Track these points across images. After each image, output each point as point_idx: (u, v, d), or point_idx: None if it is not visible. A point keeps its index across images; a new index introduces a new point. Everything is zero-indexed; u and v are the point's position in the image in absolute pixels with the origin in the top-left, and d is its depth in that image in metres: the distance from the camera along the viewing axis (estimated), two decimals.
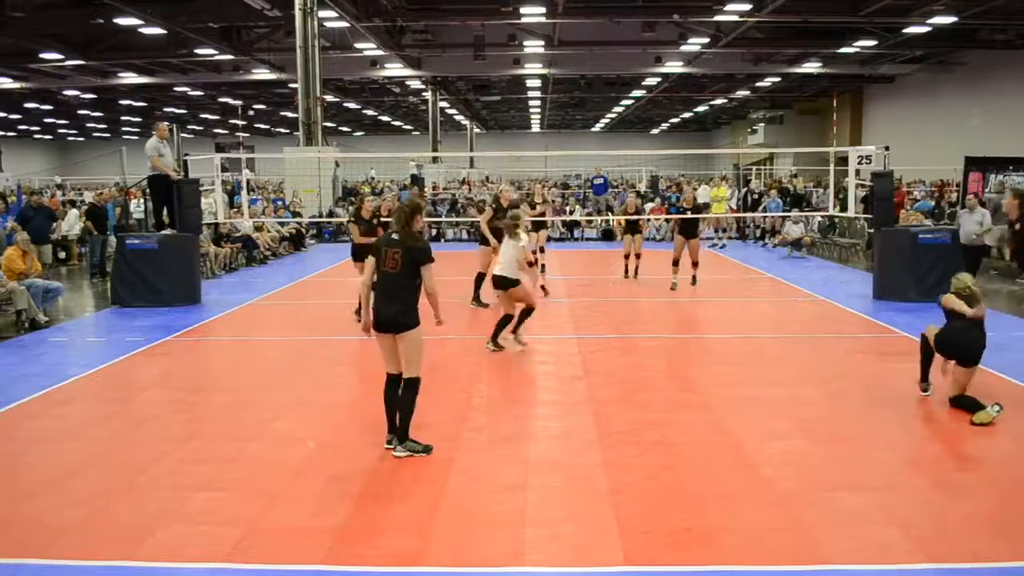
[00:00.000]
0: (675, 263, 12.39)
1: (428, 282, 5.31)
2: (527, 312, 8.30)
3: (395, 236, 5.32)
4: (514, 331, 8.29)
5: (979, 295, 6.45)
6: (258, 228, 17.44)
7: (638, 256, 13.27)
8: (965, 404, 6.18)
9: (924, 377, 6.68)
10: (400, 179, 30.56)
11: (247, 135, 45.44)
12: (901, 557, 4.00)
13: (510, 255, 8.21)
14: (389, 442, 5.42)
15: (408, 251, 5.24)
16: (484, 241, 10.53)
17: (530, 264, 9.49)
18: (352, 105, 40.14)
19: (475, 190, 27.17)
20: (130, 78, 28.45)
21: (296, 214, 20.88)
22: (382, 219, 10.11)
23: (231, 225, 16.17)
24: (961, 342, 6.29)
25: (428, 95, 35.36)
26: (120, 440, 5.89)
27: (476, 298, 10.68)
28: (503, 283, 8.15)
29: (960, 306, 6.33)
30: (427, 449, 5.39)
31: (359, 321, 5.87)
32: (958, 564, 3.93)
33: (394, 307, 5.22)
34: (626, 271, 13.41)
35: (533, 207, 11.93)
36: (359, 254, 9.66)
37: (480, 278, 10.58)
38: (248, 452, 5.58)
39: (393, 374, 5.39)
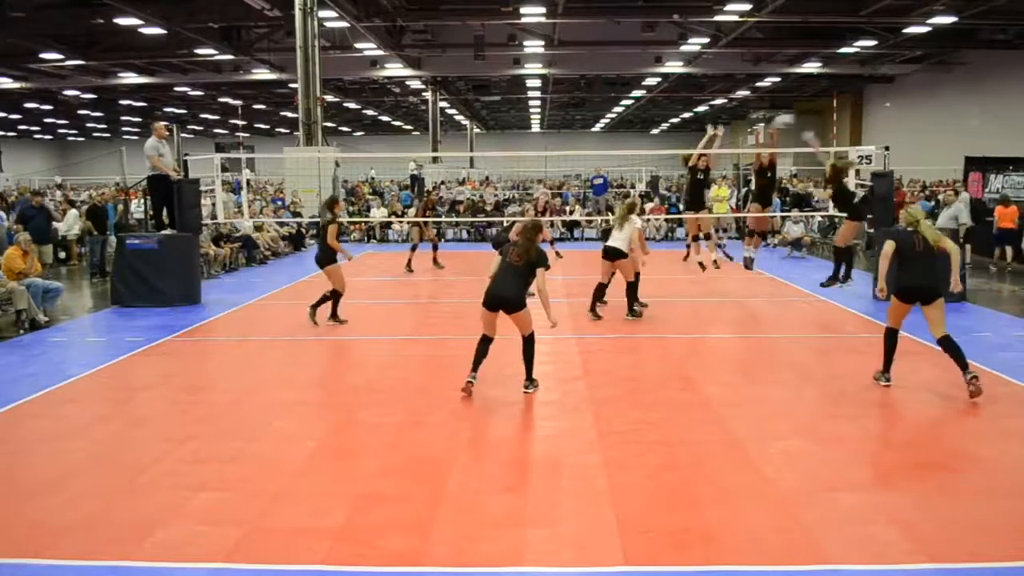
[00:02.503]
0: (695, 239, 12.48)
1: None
2: None
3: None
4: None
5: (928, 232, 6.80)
6: (258, 228, 17.43)
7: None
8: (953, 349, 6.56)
9: (886, 368, 6.93)
10: (400, 179, 30.56)
11: (247, 135, 45.44)
12: (901, 557, 4.00)
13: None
14: (473, 377, 6.74)
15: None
16: None
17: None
18: (352, 105, 40.14)
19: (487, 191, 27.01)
20: (130, 78, 28.45)
21: (296, 214, 20.87)
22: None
23: (231, 225, 16.17)
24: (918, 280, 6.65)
25: (428, 95, 35.35)
26: (120, 440, 5.89)
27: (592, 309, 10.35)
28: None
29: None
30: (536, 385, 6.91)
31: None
32: (958, 564, 3.93)
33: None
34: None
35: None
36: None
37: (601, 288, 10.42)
38: (248, 452, 5.58)
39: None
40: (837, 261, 11.18)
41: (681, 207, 12.83)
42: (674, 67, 27.79)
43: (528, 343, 6.89)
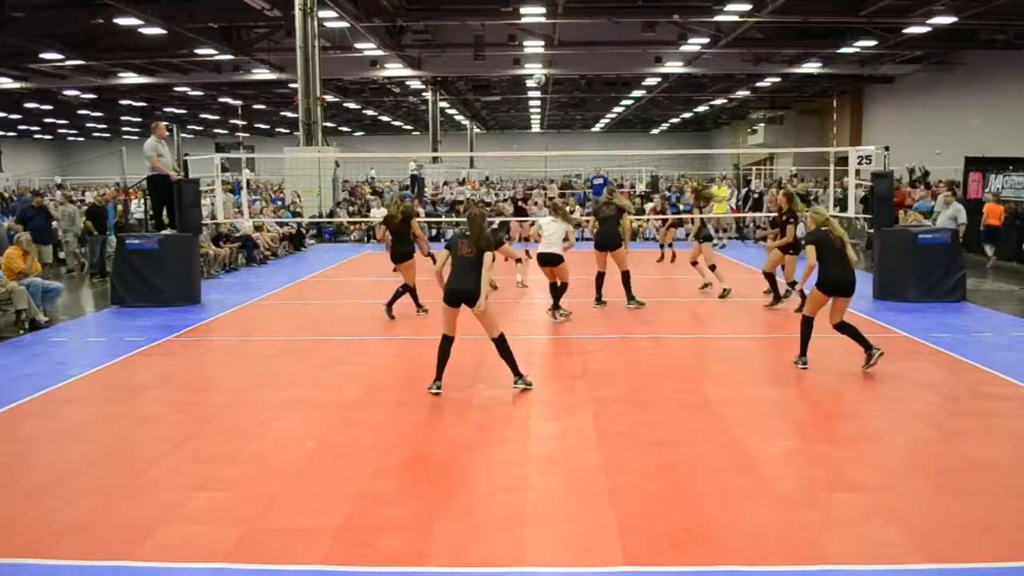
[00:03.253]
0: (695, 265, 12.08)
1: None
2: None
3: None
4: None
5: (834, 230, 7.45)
6: (258, 228, 17.44)
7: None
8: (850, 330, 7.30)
9: (803, 352, 7.53)
10: (400, 179, 30.56)
11: (247, 135, 45.44)
12: (901, 557, 4.00)
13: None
14: (438, 387, 6.71)
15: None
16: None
17: (517, 260, 12.45)
18: (352, 105, 40.14)
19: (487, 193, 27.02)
20: (130, 78, 28.45)
21: (296, 214, 20.88)
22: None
23: (231, 225, 16.18)
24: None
25: (428, 95, 35.36)
26: (120, 440, 5.88)
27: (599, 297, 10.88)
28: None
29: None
30: (529, 384, 6.84)
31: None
32: (958, 564, 3.92)
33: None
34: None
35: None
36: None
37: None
38: (248, 452, 5.58)
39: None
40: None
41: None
42: (674, 67, 27.79)
43: (500, 344, 6.75)
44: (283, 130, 49.51)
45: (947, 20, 19.66)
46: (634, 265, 11.20)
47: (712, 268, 11.85)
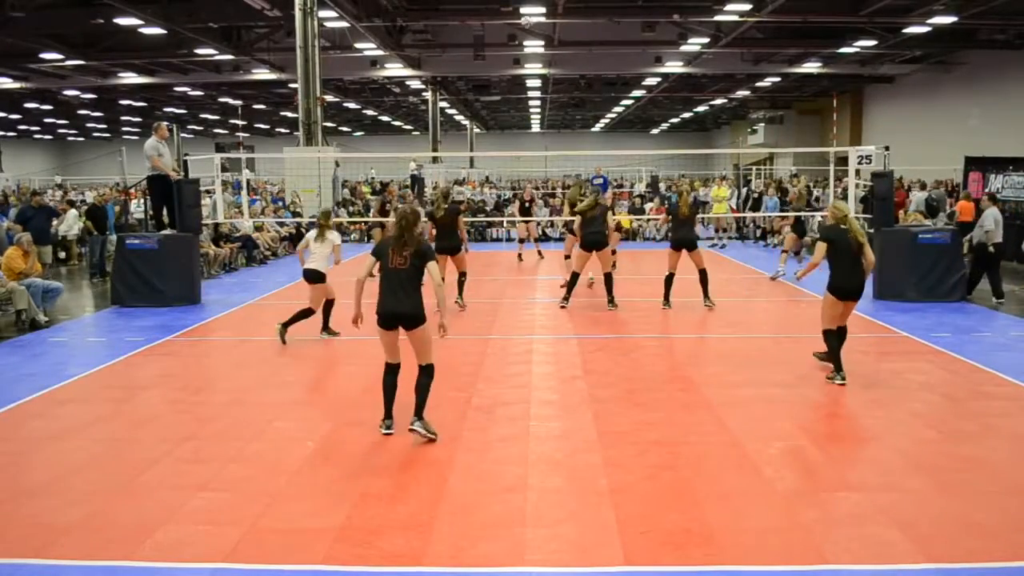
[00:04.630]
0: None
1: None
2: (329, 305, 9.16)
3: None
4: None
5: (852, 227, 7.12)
6: (258, 228, 17.44)
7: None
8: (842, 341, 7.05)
9: (838, 367, 7.07)
10: (400, 179, 30.55)
11: (247, 135, 45.43)
12: (901, 557, 4.00)
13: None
14: (388, 426, 5.83)
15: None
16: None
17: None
18: (352, 105, 40.11)
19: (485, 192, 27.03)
20: (130, 78, 28.44)
21: (296, 214, 20.87)
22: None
23: (231, 225, 16.17)
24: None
25: (428, 95, 35.35)
26: (120, 440, 5.89)
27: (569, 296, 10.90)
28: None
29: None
30: (435, 436, 5.68)
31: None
32: (958, 564, 3.93)
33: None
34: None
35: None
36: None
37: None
38: (248, 452, 5.58)
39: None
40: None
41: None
42: (674, 67, 27.78)
43: (424, 373, 5.74)
44: (283, 130, 49.50)
45: (947, 20, 19.65)
46: (633, 265, 11.20)
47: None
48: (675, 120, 51.77)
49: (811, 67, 28.08)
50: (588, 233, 10.55)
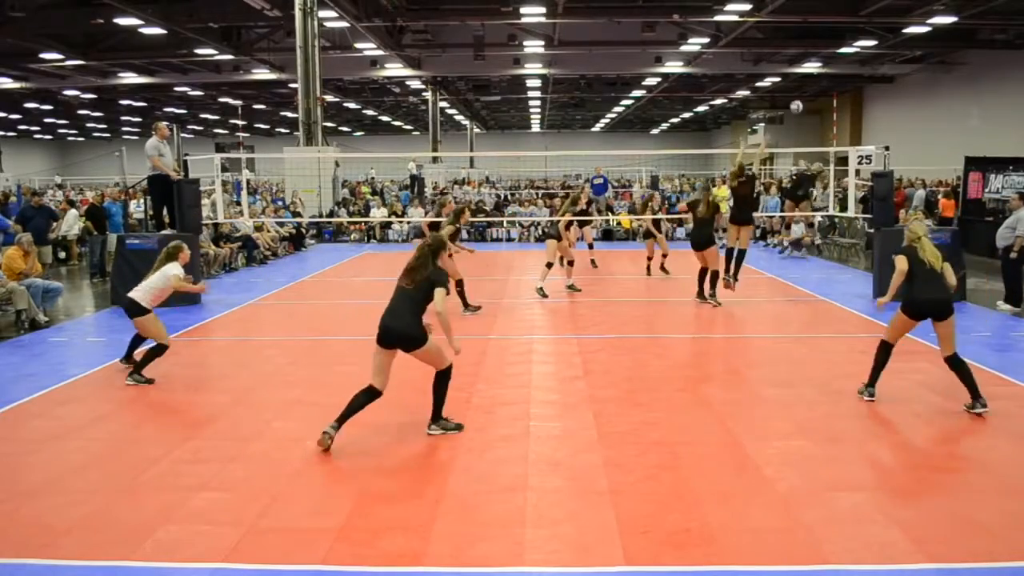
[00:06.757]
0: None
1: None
2: None
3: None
4: None
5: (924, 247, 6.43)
6: (258, 228, 17.44)
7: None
8: (963, 369, 6.18)
9: (872, 382, 6.59)
10: (400, 179, 30.55)
11: (247, 135, 45.44)
12: (901, 557, 4.00)
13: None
14: (329, 432, 5.50)
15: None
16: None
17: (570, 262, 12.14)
18: (352, 105, 40.14)
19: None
20: (130, 78, 28.46)
21: (296, 214, 20.88)
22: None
23: (231, 225, 16.17)
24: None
25: (428, 95, 35.37)
26: (120, 440, 5.89)
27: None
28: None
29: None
30: (458, 427, 5.84)
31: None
32: (958, 564, 3.93)
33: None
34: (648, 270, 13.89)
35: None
36: None
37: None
38: (248, 452, 5.58)
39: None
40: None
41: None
42: (674, 67, 27.79)
43: (440, 376, 5.80)
44: (283, 130, 49.52)
45: (947, 20, 19.67)
46: (635, 264, 11.19)
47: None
48: (675, 120, 51.79)
49: (811, 67, 28.10)
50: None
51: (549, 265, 11.75)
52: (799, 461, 5.34)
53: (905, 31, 21.58)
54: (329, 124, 39.99)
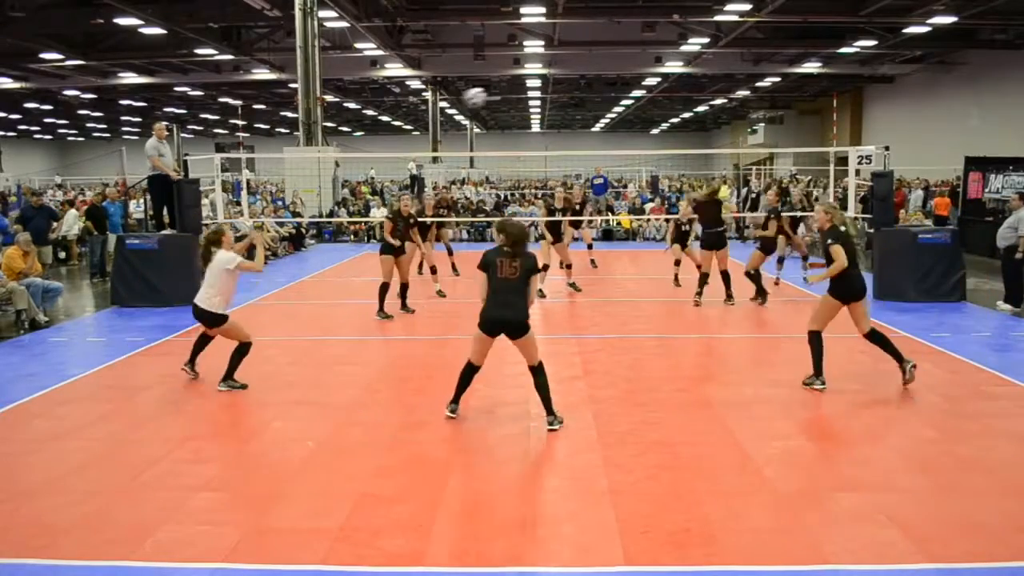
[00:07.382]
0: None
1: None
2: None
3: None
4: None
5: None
6: (258, 228, 17.43)
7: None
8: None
9: (819, 372, 6.87)
10: (400, 179, 30.55)
11: (247, 135, 45.43)
12: (901, 557, 4.00)
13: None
14: (453, 410, 6.14)
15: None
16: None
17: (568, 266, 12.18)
18: (352, 105, 40.14)
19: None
20: (130, 78, 28.45)
21: (296, 214, 20.89)
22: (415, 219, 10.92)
23: (231, 225, 16.16)
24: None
25: (428, 95, 35.37)
26: (120, 440, 5.88)
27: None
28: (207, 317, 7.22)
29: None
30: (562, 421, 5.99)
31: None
32: (958, 564, 3.93)
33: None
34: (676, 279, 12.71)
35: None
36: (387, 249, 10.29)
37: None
38: (248, 452, 5.58)
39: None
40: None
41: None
42: (674, 67, 27.79)
43: (538, 374, 5.99)
44: (283, 130, 49.51)
45: (947, 20, 19.66)
46: (635, 264, 11.20)
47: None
48: (675, 120, 51.78)
49: (811, 67, 28.10)
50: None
51: (545, 267, 11.53)
52: (799, 461, 5.34)
53: (905, 31, 21.57)
54: (329, 124, 39.98)
